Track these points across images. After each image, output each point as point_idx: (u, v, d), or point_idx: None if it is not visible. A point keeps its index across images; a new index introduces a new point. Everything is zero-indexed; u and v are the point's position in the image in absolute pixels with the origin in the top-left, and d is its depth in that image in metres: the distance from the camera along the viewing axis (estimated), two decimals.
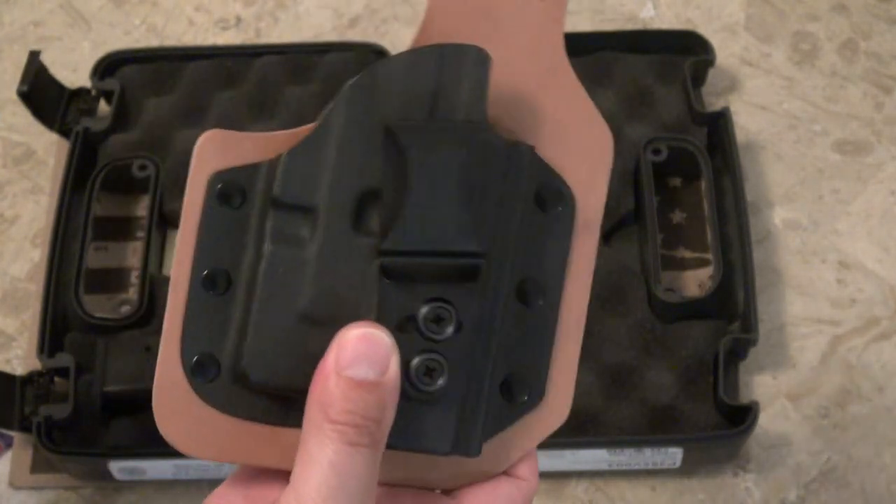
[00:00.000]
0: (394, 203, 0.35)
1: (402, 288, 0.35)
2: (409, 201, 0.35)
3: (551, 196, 0.38)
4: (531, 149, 0.37)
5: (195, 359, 0.36)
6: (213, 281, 0.36)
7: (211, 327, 0.36)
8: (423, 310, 0.35)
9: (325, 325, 0.35)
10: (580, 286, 0.39)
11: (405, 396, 0.35)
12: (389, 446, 0.35)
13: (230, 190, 0.36)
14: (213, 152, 0.36)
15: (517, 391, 0.38)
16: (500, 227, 0.36)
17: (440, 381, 0.35)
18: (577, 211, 0.38)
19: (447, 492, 0.39)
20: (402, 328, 0.35)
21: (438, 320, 0.35)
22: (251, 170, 0.36)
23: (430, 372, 0.35)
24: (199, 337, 0.36)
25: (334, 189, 0.36)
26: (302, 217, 0.36)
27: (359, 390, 0.33)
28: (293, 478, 0.34)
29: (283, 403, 0.36)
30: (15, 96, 0.76)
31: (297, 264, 0.36)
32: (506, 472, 0.40)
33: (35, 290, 0.75)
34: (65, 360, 0.69)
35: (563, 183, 0.38)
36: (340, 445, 0.33)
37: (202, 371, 0.36)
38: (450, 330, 0.35)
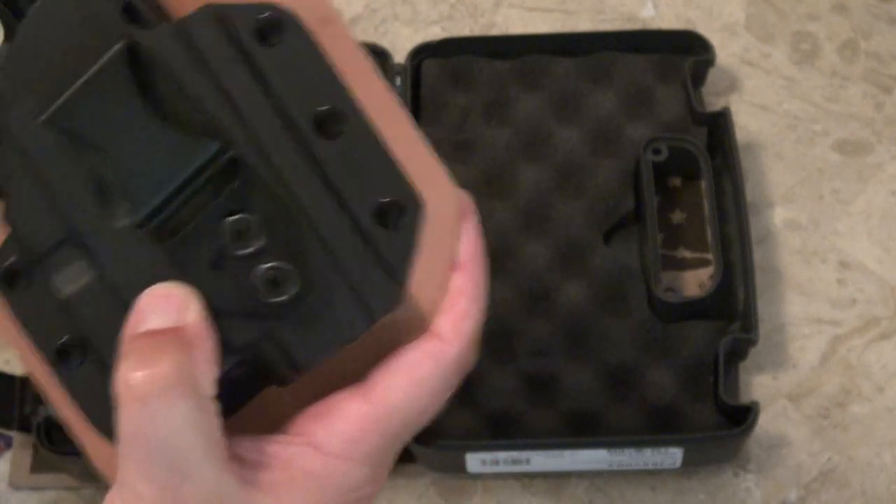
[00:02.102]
0: (112, 171, 0.32)
1: (191, 237, 0.32)
2: (118, 159, 0.32)
3: (264, 25, 0.33)
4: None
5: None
6: (66, 358, 0.34)
7: (104, 396, 0.33)
8: (223, 237, 0.32)
9: None
10: (365, 76, 0.34)
11: (283, 319, 0.32)
12: (307, 367, 0.33)
13: (9, 273, 0.34)
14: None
15: (392, 214, 0.34)
16: (225, 98, 0.32)
17: (294, 280, 0.32)
18: (303, 12, 0.33)
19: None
20: (217, 265, 0.32)
21: (241, 234, 0.32)
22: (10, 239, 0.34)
23: (274, 282, 0.32)
24: (101, 409, 0.34)
25: (68, 202, 0.33)
26: (66, 249, 0.33)
27: (150, 338, 0.31)
28: (119, 460, 0.32)
29: None
30: None
31: (98, 289, 0.33)
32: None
33: None
34: None
35: (265, 5, 0.33)
36: (138, 409, 0.31)
37: None
38: (261, 235, 0.32)
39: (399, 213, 0.34)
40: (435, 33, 0.84)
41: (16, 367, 0.74)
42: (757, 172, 0.78)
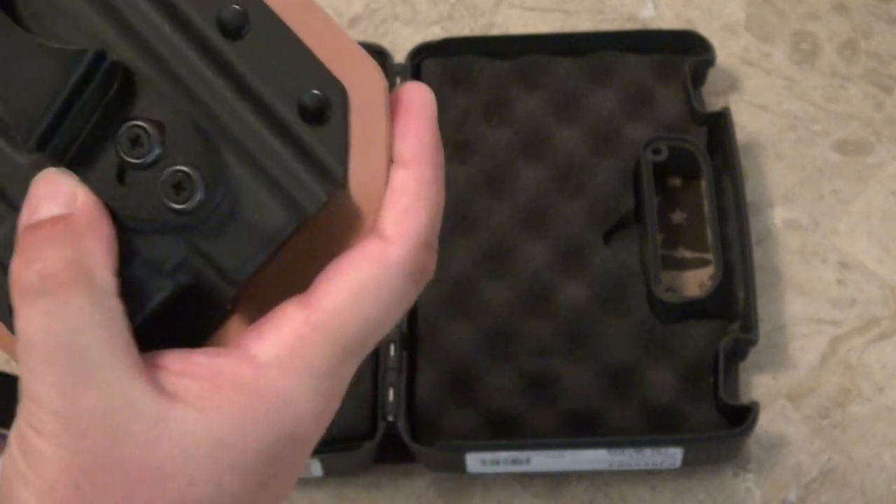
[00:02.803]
0: None
1: (89, 153, 0.31)
2: None
3: None
4: None
5: None
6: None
7: None
8: (119, 148, 0.30)
9: None
10: None
11: (204, 228, 0.31)
12: (239, 275, 0.31)
13: None
14: None
15: (316, 106, 0.32)
16: (100, 4, 0.31)
17: (197, 182, 0.31)
18: None
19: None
20: (120, 179, 0.31)
21: (136, 141, 0.31)
22: None
23: (178, 186, 0.31)
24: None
25: None
26: None
27: (42, 229, 0.29)
28: (20, 370, 0.31)
29: None
30: None
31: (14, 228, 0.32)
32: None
33: None
34: None
35: None
36: (32, 309, 0.29)
37: None
38: (155, 141, 0.30)
39: (322, 104, 0.32)
40: (435, 33, 0.84)
41: (16, 368, 0.73)
42: (757, 172, 0.78)
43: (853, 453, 0.69)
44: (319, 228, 0.33)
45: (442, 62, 0.79)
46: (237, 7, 0.32)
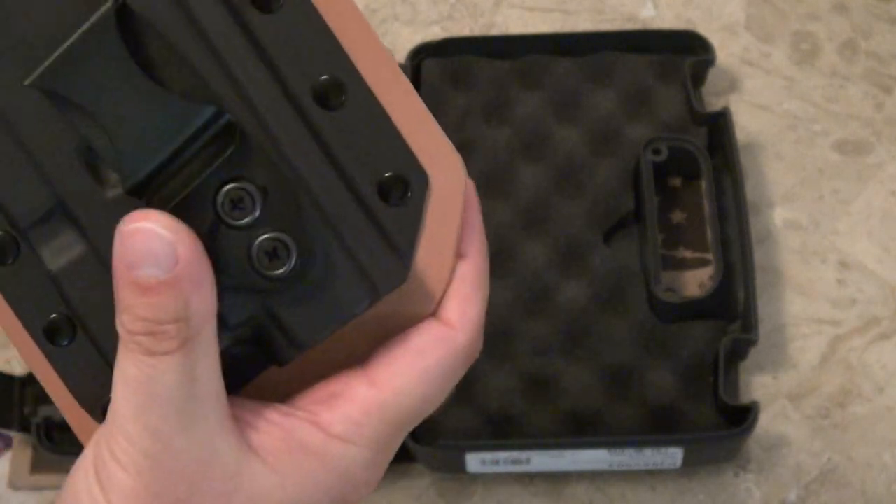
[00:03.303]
0: (103, 139, 0.31)
1: (185, 206, 0.31)
2: (108, 125, 0.30)
3: None
4: None
5: (105, 408, 0.32)
6: (54, 335, 0.33)
7: (91, 375, 0.33)
8: (219, 206, 0.31)
9: None
10: (368, 47, 0.33)
11: (283, 294, 0.31)
12: (308, 345, 0.32)
13: None
14: None
15: (396, 188, 0.32)
16: (220, 63, 0.31)
17: (292, 250, 0.31)
18: None
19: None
20: (212, 236, 0.31)
21: (238, 203, 0.31)
22: None
23: (273, 253, 0.31)
24: (88, 389, 0.33)
25: (56, 170, 0.31)
26: (55, 220, 0.32)
27: (147, 293, 0.29)
28: (113, 398, 0.31)
29: None
30: None
31: (90, 263, 0.32)
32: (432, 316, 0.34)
33: None
34: None
35: None
36: (140, 357, 0.30)
37: None
38: (257, 205, 0.31)
39: (403, 187, 0.33)
40: (435, 33, 0.84)
41: (16, 367, 0.74)
42: (757, 172, 0.78)
43: (853, 453, 0.69)
44: (384, 302, 0.33)
45: (442, 62, 0.79)
46: (336, 77, 0.32)
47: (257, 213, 0.31)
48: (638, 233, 0.74)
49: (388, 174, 0.32)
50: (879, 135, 0.79)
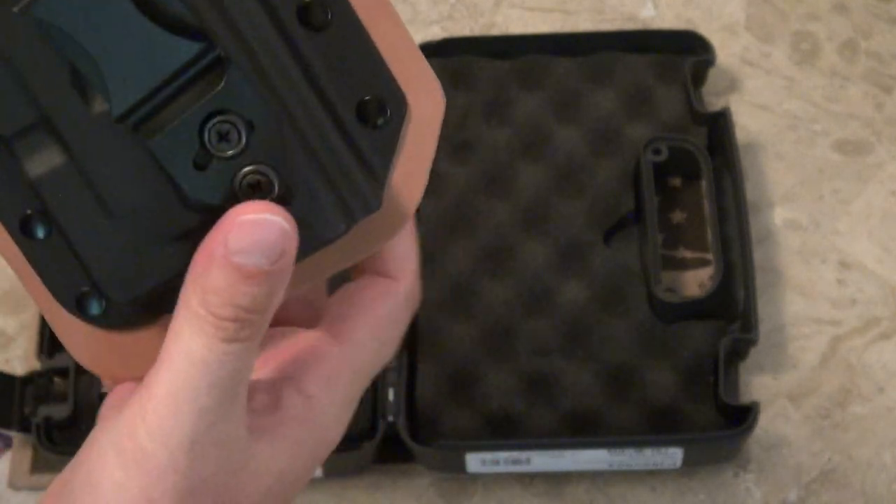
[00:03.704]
0: (91, 65, 0.31)
1: (172, 136, 0.32)
2: (97, 53, 0.31)
3: None
4: None
5: (79, 301, 0.34)
6: (30, 229, 0.33)
7: (66, 269, 0.33)
8: (206, 137, 0.31)
9: (135, 214, 0.33)
10: None
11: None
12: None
13: None
14: None
15: (375, 112, 0.33)
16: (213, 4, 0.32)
17: (275, 184, 0.32)
18: None
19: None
20: (201, 167, 0.32)
21: (224, 136, 0.31)
22: None
23: (256, 186, 0.32)
24: (62, 282, 0.34)
25: (43, 88, 0.32)
26: (39, 133, 0.33)
27: (248, 281, 0.30)
28: (153, 369, 0.32)
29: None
30: None
31: (69, 175, 0.33)
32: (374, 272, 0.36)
33: None
34: (65, 360, 0.69)
35: None
36: (215, 341, 0.30)
37: (96, 306, 0.34)
38: (243, 138, 0.31)
39: (382, 111, 0.33)
40: (435, 33, 0.84)
41: (16, 367, 0.74)
42: (757, 172, 0.78)
43: (853, 453, 0.69)
44: (359, 224, 0.34)
45: (442, 62, 0.79)
46: (322, 0, 0.32)
47: (242, 145, 0.31)
48: (638, 233, 0.74)
49: (367, 97, 0.33)
50: (879, 135, 0.79)
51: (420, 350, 0.70)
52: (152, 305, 0.34)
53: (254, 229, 0.30)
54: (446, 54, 0.80)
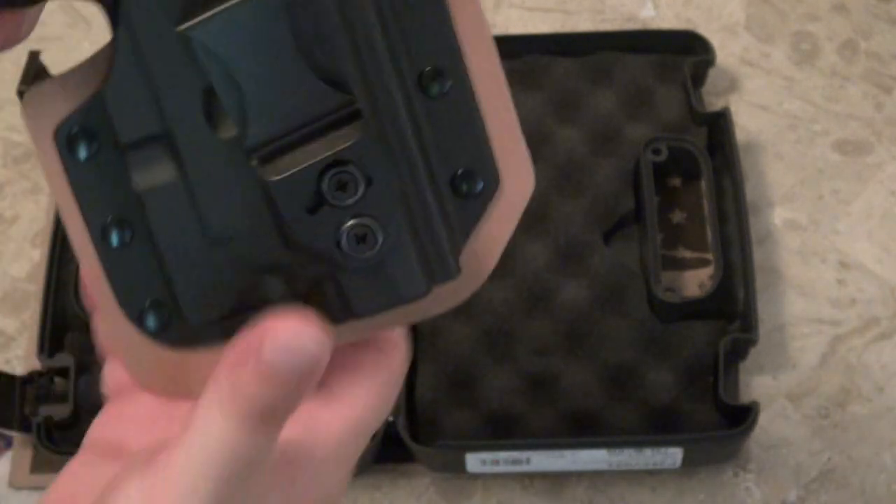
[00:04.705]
0: (235, 95, 0.32)
1: (291, 177, 0.32)
2: (247, 86, 0.32)
3: None
4: None
5: (141, 313, 0.35)
6: (112, 235, 0.34)
7: (137, 280, 0.34)
8: (324, 184, 0.32)
9: (233, 241, 0.33)
10: (481, 48, 0.34)
11: (355, 269, 0.33)
12: (361, 317, 0.34)
13: (78, 139, 0.34)
14: (43, 107, 0.34)
15: (468, 184, 0.35)
16: (356, 46, 0.32)
17: (379, 239, 0.33)
18: None
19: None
20: (313, 211, 0.33)
21: (343, 186, 0.32)
22: (90, 106, 0.33)
23: (361, 238, 0.33)
24: (131, 292, 0.34)
25: (173, 104, 0.33)
26: (157, 146, 0.33)
27: (280, 384, 0.31)
28: (174, 445, 0.32)
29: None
30: (15, 96, 0.76)
31: (178, 193, 0.33)
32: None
33: (35, 290, 0.75)
34: (65, 360, 0.69)
35: None
36: (240, 434, 0.31)
37: (155, 320, 0.35)
38: (360, 188, 0.33)
39: (475, 184, 0.35)
40: None
41: (16, 367, 0.74)
42: (757, 172, 0.78)
43: (853, 453, 0.69)
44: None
45: None
46: (443, 67, 0.34)
47: (357, 197, 0.32)
48: (638, 233, 0.74)
49: (463, 169, 0.34)
50: (879, 135, 0.79)
51: (420, 350, 0.70)
52: (214, 331, 0.35)
53: (292, 336, 0.31)
54: None
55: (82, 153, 0.34)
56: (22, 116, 0.34)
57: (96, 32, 0.87)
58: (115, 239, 0.34)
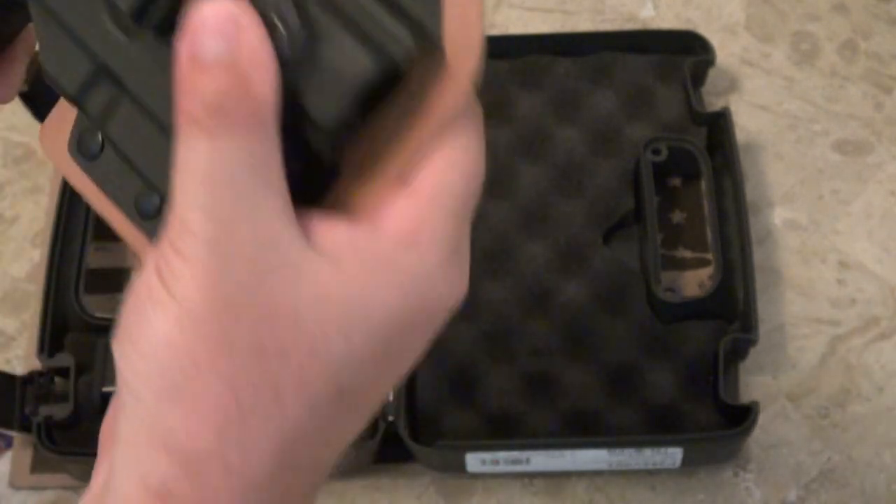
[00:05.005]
0: None
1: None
2: None
3: None
4: None
5: (134, 206, 0.34)
6: (83, 148, 0.35)
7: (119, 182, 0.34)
8: None
9: None
10: None
11: (299, 79, 0.31)
12: (327, 127, 0.31)
13: (84, 140, 0.34)
14: (53, 133, 0.35)
15: None
16: None
17: (283, 32, 0.31)
18: None
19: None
20: None
21: None
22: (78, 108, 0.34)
23: (272, 27, 0.31)
24: (117, 192, 0.34)
25: (90, 34, 0.33)
26: (99, 81, 0.33)
27: (210, 71, 0.29)
28: (172, 195, 0.30)
29: None
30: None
31: (124, 105, 0.33)
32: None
33: (35, 290, 0.75)
34: (65, 360, 0.69)
35: None
36: (201, 141, 0.29)
37: (143, 210, 0.34)
38: None
39: None
40: None
41: (16, 367, 0.74)
42: (757, 172, 0.78)
43: (853, 453, 0.69)
44: (417, 96, 0.33)
45: None
46: None
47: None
48: (638, 233, 0.74)
49: None
50: (879, 135, 0.79)
51: None
52: None
53: (200, 21, 0.29)
54: None
55: (93, 150, 0.34)
56: (43, 151, 0.35)
57: None
58: (88, 151, 0.34)
